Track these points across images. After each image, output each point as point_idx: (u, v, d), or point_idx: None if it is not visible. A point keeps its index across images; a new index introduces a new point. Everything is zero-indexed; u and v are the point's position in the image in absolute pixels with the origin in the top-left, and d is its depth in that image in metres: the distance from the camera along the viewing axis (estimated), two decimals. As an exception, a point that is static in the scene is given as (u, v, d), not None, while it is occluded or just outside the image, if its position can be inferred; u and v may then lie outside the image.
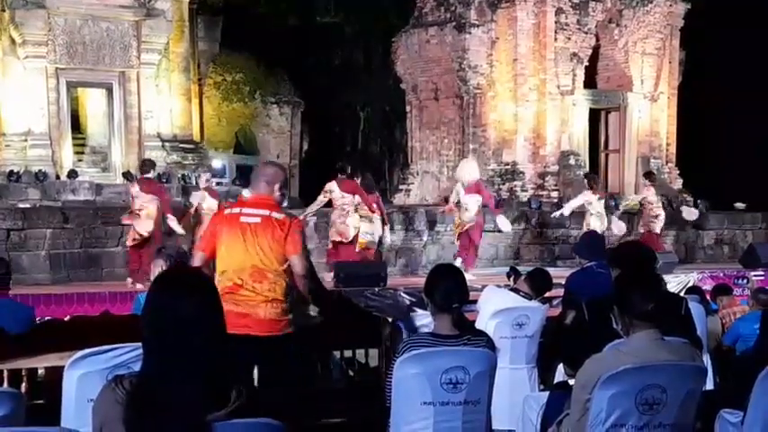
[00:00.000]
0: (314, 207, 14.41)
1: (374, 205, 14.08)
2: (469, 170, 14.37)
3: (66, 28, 17.93)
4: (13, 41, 17.82)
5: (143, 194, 13.05)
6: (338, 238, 13.98)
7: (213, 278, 5.11)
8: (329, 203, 14.15)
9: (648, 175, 17.47)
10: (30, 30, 17.41)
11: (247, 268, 5.20)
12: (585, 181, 16.23)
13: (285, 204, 5.50)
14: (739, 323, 7.70)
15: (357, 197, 13.87)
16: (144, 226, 12.92)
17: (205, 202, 13.86)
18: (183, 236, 13.34)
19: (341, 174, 14.12)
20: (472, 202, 13.92)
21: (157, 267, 5.88)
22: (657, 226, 16.35)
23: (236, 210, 5.40)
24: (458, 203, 14.17)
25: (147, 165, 13.75)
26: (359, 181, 14.18)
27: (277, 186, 5.39)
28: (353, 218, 13.87)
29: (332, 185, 13.91)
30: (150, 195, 13.07)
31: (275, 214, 5.27)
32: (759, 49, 25.49)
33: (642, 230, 16.59)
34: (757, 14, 25.23)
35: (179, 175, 18.29)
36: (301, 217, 13.79)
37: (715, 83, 25.89)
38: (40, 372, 4.92)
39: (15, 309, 6.41)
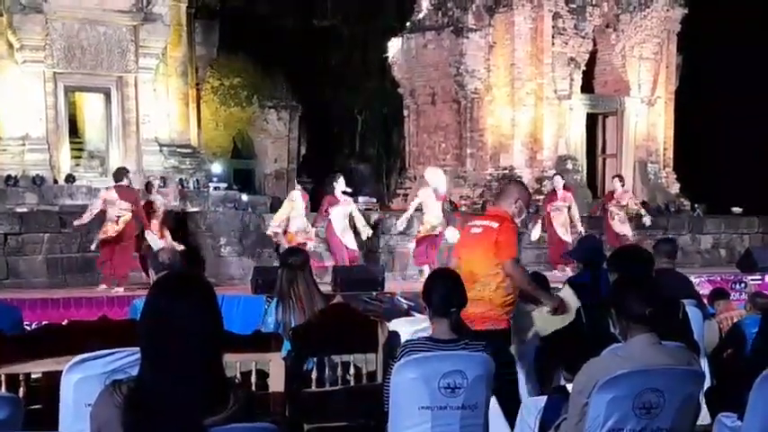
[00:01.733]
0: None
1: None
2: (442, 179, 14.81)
3: (64, 32, 17.90)
4: (10, 46, 17.79)
5: (121, 202, 13.10)
6: None
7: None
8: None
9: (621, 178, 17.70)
10: (27, 34, 17.39)
11: (466, 272, 5.75)
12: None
13: (521, 218, 6.23)
14: (742, 326, 7.66)
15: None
16: (117, 228, 13.06)
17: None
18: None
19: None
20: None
21: (153, 274, 5.92)
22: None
23: (471, 222, 6.35)
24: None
25: (122, 172, 13.75)
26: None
27: (511, 201, 6.14)
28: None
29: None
30: (128, 203, 13.14)
31: (492, 224, 6.02)
32: (756, 53, 25.53)
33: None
34: (754, 19, 25.28)
35: (176, 180, 18.28)
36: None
37: (712, 87, 25.93)
38: (36, 376, 4.91)
39: (3, 311, 6.39)
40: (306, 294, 6.44)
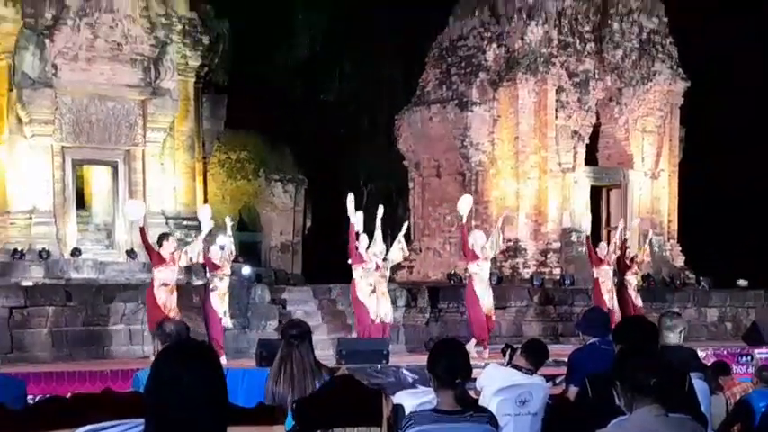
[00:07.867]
0: None
1: None
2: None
3: (73, 107, 18.10)
4: (19, 120, 17.96)
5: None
6: None
7: None
8: None
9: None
10: (37, 109, 17.56)
11: None
12: None
13: None
14: (750, 400, 7.56)
15: None
16: None
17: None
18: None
19: None
20: None
21: (158, 344, 5.90)
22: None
23: None
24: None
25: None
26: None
27: None
28: None
29: None
30: None
31: None
32: (759, 123, 25.75)
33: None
34: (756, 90, 25.55)
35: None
36: None
37: (716, 159, 26.09)
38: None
39: (8, 384, 6.36)
40: (299, 371, 6.32)
